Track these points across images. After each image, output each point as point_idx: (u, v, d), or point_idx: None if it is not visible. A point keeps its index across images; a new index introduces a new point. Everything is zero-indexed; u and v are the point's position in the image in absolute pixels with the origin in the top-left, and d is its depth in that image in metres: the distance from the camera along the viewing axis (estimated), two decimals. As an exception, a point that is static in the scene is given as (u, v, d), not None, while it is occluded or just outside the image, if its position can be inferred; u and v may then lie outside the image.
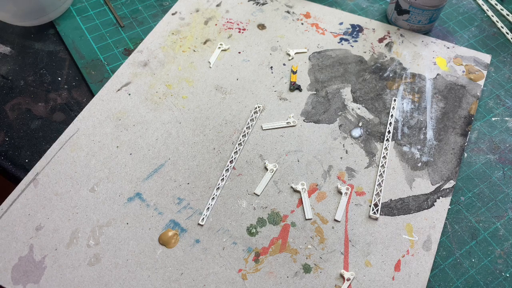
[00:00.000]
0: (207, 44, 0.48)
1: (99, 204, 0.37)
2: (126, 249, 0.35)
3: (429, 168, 0.40)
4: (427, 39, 0.49)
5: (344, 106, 0.44)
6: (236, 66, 0.46)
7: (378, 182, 0.39)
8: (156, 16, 0.51)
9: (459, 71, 0.46)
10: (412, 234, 0.36)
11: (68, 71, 0.47)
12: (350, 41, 0.49)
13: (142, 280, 0.34)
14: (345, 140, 0.42)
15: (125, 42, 0.49)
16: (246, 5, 0.52)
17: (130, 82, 0.45)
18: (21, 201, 0.37)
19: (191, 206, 0.38)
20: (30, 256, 0.35)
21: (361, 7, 0.53)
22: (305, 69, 0.46)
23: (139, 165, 0.40)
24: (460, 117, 0.43)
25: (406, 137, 0.42)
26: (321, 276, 0.35)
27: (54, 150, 0.40)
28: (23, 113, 0.43)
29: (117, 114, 0.43)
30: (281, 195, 0.38)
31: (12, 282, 0.34)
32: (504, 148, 0.42)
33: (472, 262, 0.36)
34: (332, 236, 0.36)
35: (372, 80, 0.46)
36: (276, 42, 0.48)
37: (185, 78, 0.45)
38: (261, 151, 0.41)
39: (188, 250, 0.36)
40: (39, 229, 0.36)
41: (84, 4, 0.52)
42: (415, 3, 0.46)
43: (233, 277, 0.34)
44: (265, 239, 0.36)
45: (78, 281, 0.34)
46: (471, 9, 0.53)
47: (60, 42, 0.49)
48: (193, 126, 0.42)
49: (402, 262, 0.35)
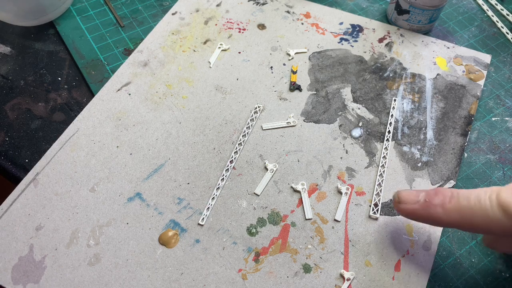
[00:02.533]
0: (207, 44, 0.48)
1: (99, 204, 0.37)
2: (126, 249, 0.35)
3: (429, 168, 0.40)
4: (427, 39, 0.49)
5: (344, 106, 0.44)
6: (236, 66, 0.46)
7: (378, 182, 0.39)
8: (156, 16, 0.51)
9: (459, 71, 0.46)
10: (412, 234, 0.36)
11: (68, 71, 0.47)
12: (350, 41, 0.49)
13: (142, 280, 0.34)
14: (345, 140, 0.42)
15: (125, 42, 0.49)
16: (246, 5, 0.52)
17: (130, 82, 0.45)
18: (21, 201, 0.37)
19: (191, 206, 0.38)
20: (30, 256, 0.35)
21: (361, 7, 0.53)
22: (305, 69, 0.46)
23: (139, 165, 0.40)
24: (460, 117, 0.43)
25: (406, 137, 0.42)
26: (321, 276, 0.35)
27: (54, 150, 0.40)
28: (23, 113, 0.43)
29: (117, 114, 0.43)
30: (281, 195, 0.38)
31: (12, 282, 0.34)
32: (504, 148, 0.42)
33: (472, 262, 0.36)
34: (332, 236, 0.36)
35: (372, 80, 0.46)
36: (276, 42, 0.48)
37: (185, 78, 0.45)
38: (261, 151, 0.41)
39: (188, 250, 0.36)
40: (39, 229, 0.36)
41: (84, 4, 0.52)
42: (415, 3, 0.46)
43: (233, 277, 0.34)
44: (265, 239, 0.36)
45: (78, 281, 0.34)
46: (471, 9, 0.53)
47: (60, 42, 0.49)
48: (193, 126, 0.42)
49: (402, 262, 0.35)
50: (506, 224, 0.25)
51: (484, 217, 0.26)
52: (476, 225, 0.27)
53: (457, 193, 0.28)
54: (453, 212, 0.28)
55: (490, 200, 0.26)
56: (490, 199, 0.26)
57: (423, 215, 0.30)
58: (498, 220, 0.25)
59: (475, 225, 0.27)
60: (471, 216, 0.27)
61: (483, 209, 0.26)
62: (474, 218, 0.27)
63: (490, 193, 0.26)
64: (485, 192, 0.27)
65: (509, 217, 0.25)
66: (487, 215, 0.26)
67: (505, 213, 0.25)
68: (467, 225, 0.27)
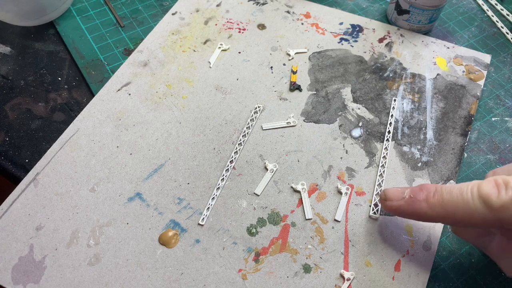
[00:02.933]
0: (207, 44, 0.48)
1: (99, 204, 0.37)
2: (126, 249, 0.35)
3: (429, 168, 0.40)
4: (427, 39, 0.49)
5: (344, 106, 0.44)
6: (236, 66, 0.46)
7: (378, 182, 0.39)
8: (156, 16, 0.51)
9: (459, 71, 0.46)
10: (412, 234, 0.36)
11: (68, 71, 0.47)
12: (350, 41, 0.49)
13: (142, 280, 0.34)
14: (345, 140, 0.42)
15: (125, 42, 0.49)
16: (246, 5, 0.52)
17: (130, 82, 0.45)
18: (21, 201, 0.37)
19: (191, 206, 0.38)
20: (30, 256, 0.35)
21: (361, 7, 0.53)
22: (305, 69, 0.46)
23: (139, 165, 0.40)
24: (460, 117, 0.43)
25: (406, 137, 0.42)
26: (321, 276, 0.35)
27: (54, 150, 0.40)
28: (23, 113, 0.43)
29: (117, 114, 0.43)
30: (281, 195, 0.38)
31: (12, 282, 0.34)
32: (504, 148, 0.42)
33: (472, 262, 0.36)
34: (332, 236, 0.36)
35: (372, 80, 0.46)
36: (276, 42, 0.48)
37: (185, 78, 0.45)
38: (261, 151, 0.41)
39: (188, 250, 0.36)
40: (39, 229, 0.36)
41: (84, 4, 0.52)
42: (415, 3, 0.46)
43: (233, 277, 0.34)
44: (265, 239, 0.36)
45: (78, 281, 0.34)
46: (471, 9, 0.53)
47: (60, 42, 0.49)
48: (193, 126, 0.42)
49: (402, 262, 0.35)
50: (487, 216, 0.26)
51: (466, 210, 0.27)
52: (459, 218, 0.28)
53: (441, 188, 0.29)
54: (437, 206, 0.29)
55: (472, 192, 0.27)
56: (472, 192, 0.27)
57: (409, 211, 0.31)
58: (479, 212, 0.26)
59: (458, 218, 0.28)
60: (454, 209, 0.28)
61: (465, 202, 0.27)
62: (457, 211, 0.27)
63: (471, 186, 0.27)
64: (466, 186, 0.28)
65: (489, 208, 0.26)
66: (468, 207, 0.27)
67: (485, 204, 0.26)
68: (451, 218, 0.28)
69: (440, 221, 0.29)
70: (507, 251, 0.29)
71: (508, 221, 0.25)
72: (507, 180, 0.26)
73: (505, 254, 0.30)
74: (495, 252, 0.30)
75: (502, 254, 0.30)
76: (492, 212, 0.26)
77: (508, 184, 0.26)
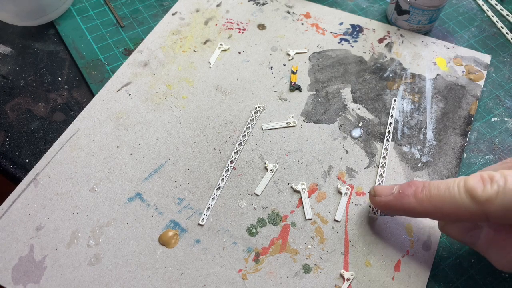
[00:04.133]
0: (207, 44, 0.48)
1: (99, 204, 0.37)
2: (126, 249, 0.35)
3: (429, 168, 0.40)
4: (427, 39, 0.49)
5: (344, 106, 0.44)
6: (236, 66, 0.46)
7: (378, 182, 0.39)
8: (156, 16, 0.51)
9: (459, 71, 0.46)
10: (412, 234, 0.36)
11: (68, 71, 0.47)
12: (350, 41, 0.49)
13: (142, 280, 0.34)
14: (345, 140, 0.42)
15: (125, 42, 0.49)
16: (246, 5, 0.52)
17: (130, 82, 0.45)
18: (22, 201, 0.37)
19: (191, 206, 0.38)
20: (30, 256, 0.35)
21: (361, 7, 0.53)
22: (305, 69, 0.46)
23: (139, 165, 0.40)
24: (460, 117, 0.43)
25: (406, 137, 0.42)
26: (321, 276, 0.35)
27: (54, 150, 0.40)
28: (23, 113, 0.44)
29: (117, 114, 0.43)
30: (281, 195, 0.38)
31: (13, 282, 0.34)
32: (503, 148, 0.42)
33: (472, 262, 0.36)
34: (332, 236, 0.36)
35: (372, 80, 0.46)
36: (276, 42, 0.48)
37: (185, 78, 0.45)
38: (261, 151, 0.41)
39: (188, 250, 0.36)
40: (39, 229, 0.36)
41: (84, 4, 0.52)
42: (415, 3, 0.46)
43: (233, 277, 0.34)
44: (265, 239, 0.36)
45: (78, 281, 0.34)
46: (471, 9, 0.53)
47: (60, 42, 0.49)
48: (193, 126, 0.42)
49: (402, 262, 0.35)
50: (473, 209, 0.26)
51: (453, 204, 0.27)
52: (447, 213, 0.28)
53: (429, 183, 0.30)
54: (425, 201, 0.29)
55: (458, 187, 0.27)
56: (458, 187, 0.27)
57: (397, 206, 0.31)
58: (466, 206, 0.27)
59: (445, 212, 0.28)
60: (442, 204, 0.28)
61: (452, 197, 0.27)
62: (444, 205, 0.28)
63: (458, 181, 0.28)
64: (453, 181, 0.28)
65: (475, 202, 0.26)
66: (455, 201, 0.27)
67: (472, 198, 0.26)
68: (439, 213, 0.29)
69: (428, 216, 0.30)
70: (494, 243, 0.30)
71: (494, 214, 0.26)
72: (492, 175, 0.26)
73: (493, 246, 0.30)
74: (483, 246, 0.31)
75: (490, 247, 0.30)
76: (478, 205, 0.26)
77: (493, 178, 0.26)
